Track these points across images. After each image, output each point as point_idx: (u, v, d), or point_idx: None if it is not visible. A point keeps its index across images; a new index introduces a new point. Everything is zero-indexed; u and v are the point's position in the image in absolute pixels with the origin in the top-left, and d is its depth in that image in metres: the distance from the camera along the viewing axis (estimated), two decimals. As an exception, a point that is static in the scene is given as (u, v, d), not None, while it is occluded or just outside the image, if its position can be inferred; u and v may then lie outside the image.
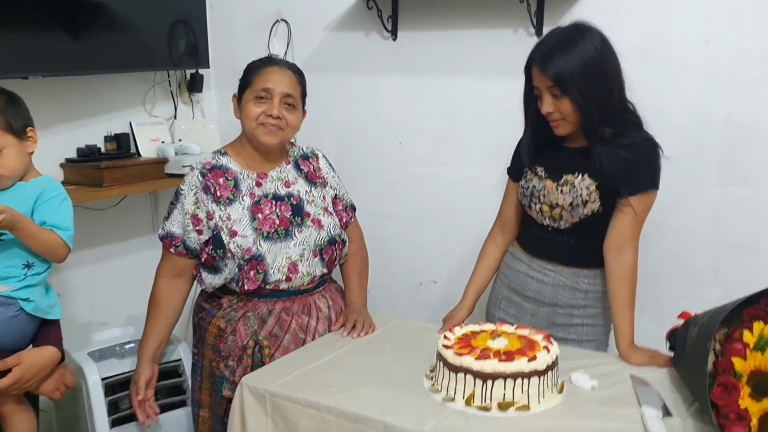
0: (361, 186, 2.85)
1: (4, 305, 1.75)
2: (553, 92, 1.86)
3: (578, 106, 1.84)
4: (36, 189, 1.80)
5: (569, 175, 1.94)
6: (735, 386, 1.43)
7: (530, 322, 2.04)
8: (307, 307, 2.07)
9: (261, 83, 2.01)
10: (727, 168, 2.26)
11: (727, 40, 2.20)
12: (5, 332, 1.74)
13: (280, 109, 2.01)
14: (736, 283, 2.26)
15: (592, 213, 1.92)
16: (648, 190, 1.90)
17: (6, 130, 1.75)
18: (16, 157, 1.77)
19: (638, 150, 1.87)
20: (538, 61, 1.87)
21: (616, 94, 1.87)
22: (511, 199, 2.12)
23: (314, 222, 2.08)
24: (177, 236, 2.03)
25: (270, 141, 2.03)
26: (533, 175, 2.01)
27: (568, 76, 1.81)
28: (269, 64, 2.07)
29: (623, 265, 1.89)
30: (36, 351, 1.78)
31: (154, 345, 2.10)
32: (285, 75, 2.04)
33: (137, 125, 2.88)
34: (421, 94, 2.76)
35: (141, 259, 2.83)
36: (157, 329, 2.09)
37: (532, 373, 1.58)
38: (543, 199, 1.98)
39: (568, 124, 1.89)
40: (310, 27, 2.94)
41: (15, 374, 1.71)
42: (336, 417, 1.62)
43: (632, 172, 1.87)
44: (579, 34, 1.86)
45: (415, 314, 2.78)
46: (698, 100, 2.26)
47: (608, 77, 1.85)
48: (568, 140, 1.98)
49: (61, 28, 2.48)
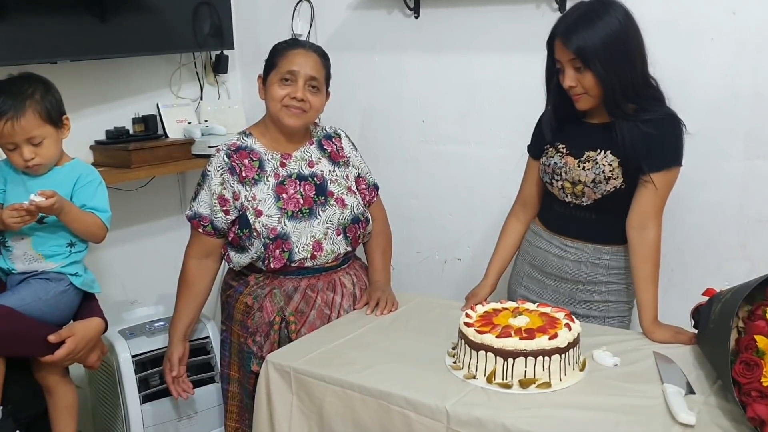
0: (385, 165, 2.86)
1: (55, 281, 1.83)
2: (575, 65, 1.84)
3: (600, 80, 1.82)
4: (73, 174, 1.86)
5: (591, 151, 1.93)
6: (757, 363, 1.42)
7: (552, 298, 2.05)
8: (332, 284, 2.10)
9: (286, 65, 2.03)
10: (755, 142, 2.22)
11: (755, 12, 2.15)
12: (56, 306, 1.83)
13: (304, 92, 2.02)
14: (764, 258, 2.24)
15: (614, 189, 1.91)
16: (671, 167, 1.88)
17: (46, 120, 1.79)
18: (54, 146, 1.82)
19: (661, 125, 1.85)
20: (561, 34, 1.85)
21: (639, 69, 1.85)
22: (532, 177, 2.12)
23: (338, 201, 2.10)
24: (205, 216, 2.06)
25: (294, 123, 2.05)
26: (555, 152, 2.00)
27: (591, 49, 1.80)
28: (295, 46, 2.08)
29: (646, 242, 1.88)
30: (85, 322, 1.86)
31: (185, 323, 2.15)
32: (310, 58, 2.05)
33: (164, 107, 2.91)
34: (444, 71, 2.75)
35: (170, 239, 2.88)
36: (188, 308, 2.14)
37: (553, 351, 1.58)
38: (565, 176, 1.97)
39: (590, 98, 1.88)
40: (333, 6, 2.93)
41: (69, 345, 1.79)
42: (359, 393, 1.65)
43: (654, 148, 1.85)
44: (603, 8, 1.84)
45: (440, 291, 2.79)
46: (725, 74, 2.22)
47: (631, 52, 1.83)
48: (589, 116, 1.97)
49: (88, 12, 2.51)
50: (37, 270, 1.82)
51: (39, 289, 1.80)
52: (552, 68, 1.94)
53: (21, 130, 1.74)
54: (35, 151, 1.78)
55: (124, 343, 2.30)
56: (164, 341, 2.24)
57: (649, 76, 1.89)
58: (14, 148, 1.77)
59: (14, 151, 1.77)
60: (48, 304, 1.80)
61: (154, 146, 2.72)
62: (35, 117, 1.76)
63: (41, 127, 1.78)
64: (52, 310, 1.81)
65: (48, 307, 1.80)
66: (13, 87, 1.77)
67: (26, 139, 1.76)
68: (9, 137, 1.75)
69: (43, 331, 1.78)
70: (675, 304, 2.08)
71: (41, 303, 1.79)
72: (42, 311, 1.79)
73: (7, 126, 1.73)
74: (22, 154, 1.76)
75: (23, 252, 1.81)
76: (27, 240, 1.81)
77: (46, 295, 1.80)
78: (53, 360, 1.79)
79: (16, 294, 1.79)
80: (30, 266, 1.82)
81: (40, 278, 1.82)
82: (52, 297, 1.81)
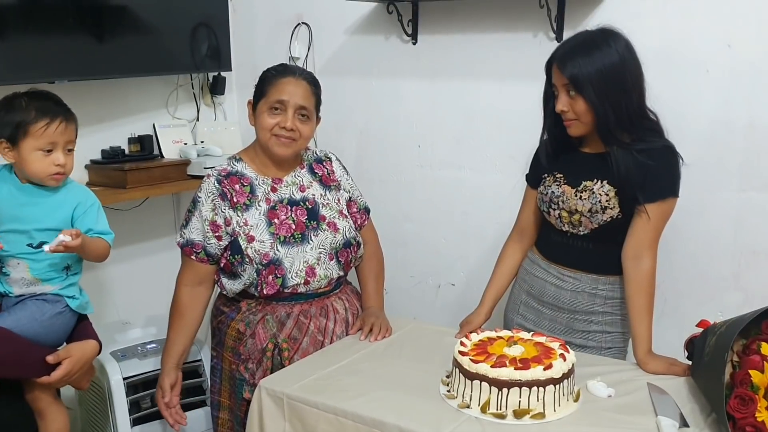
0: (380, 188, 2.87)
1: (52, 302, 1.83)
2: (568, 90, 1.86)
3: (592, 106, 1.84)
4: (72, 197, 1.85)
5: (588, 181, 1.94)
6: (752, 398, 1.42)
7: (549, 327, 2.04)
8: (324, 310, 2.09)
9: (276, 94, 2.02)
10: (749, 173, 2.23)
11: (750, 44, 2.18)
12: (51, 328, 1.82)
13: (294, 121, 2.02)
14: (757, 290, 2.24)
15: (611, 219, 1.92)
16: (666, 198, 1.89)
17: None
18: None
19: (656, 156, 1.86)
20: (558, 59, 1.88)
21: (635, 100, 1.87)
22: (530, 206, 2.12)
23: (330, 225, 2.10)
24: (197, 243, 2.05)
25: (283, 152, 2.05)
26: (552, 181, 2.01)
27: (585, 75, 1.82)
28: (284, 74, 2.07)
29: (641, 273, 1.88)
30: (81, 344, 1.85)
31: (179, 352, 2.12)
32: (300, 86, 2.05)
33: (160, 127, 2.92)
34: (441, 97, 2.76)
35: (163, 260, 2.87)
36: (181, 337, 2.12)
37: (547, 381, 1.58)
38: (562, 205, 1.97)
39: (581, 124, 1.89)
40: (331, 30, 2.95)
41: (66, 366, 1.78)
42: (353, 421, 1.64)
43: (650, 178, 1.86)
44: (604, 38, 1.86)
45: (433, 316, 2.79)
46: (720, 105, 2.24)
47: (627, 82, 1.85)
48: (586, 145, 1.98)
49: (86, 33, 2.52)
50: (35, 292, 1.82)
51: (35, 311, 1.79)
52: (549, 92, 1.96)
53: (68, 132, 1.78)
54: (66, 160, 1.79)
55: (115, 364, 2.28)
56: (156, 363, 2.23)
57: (646, 108, 1.90)
58: (50, 151, 1.76)
59: (48, 154, 1.76)
60: (44, 325, 1.79)
61: (150, 166, 2.72)
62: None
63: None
64: (47, 331, 1.80)
65: (43, 328, 1.79)
66: (51, 96, 1.81)
67: (67, 142, 1.78)
68: (56, 137, 1.75)
69: (40, 352, 1.76)
70: (668, 334, 2.08)
71: (37, 324, 1.78)
72: (37, 333, 1.77)
73: (61, 126, 1.76)
74: (58, 157, 1.76)
75: (21, 276, 1.80)
76: (24, 265, 1.80)
77: (42, 316, 1.79)
78: (50, 381, 1.78)
79: (12, 315, 1.77)
80: (27, 290, 1.82)
81: (36, 299, 1.81)
82: (47, 319, 1.80)
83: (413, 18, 2.72)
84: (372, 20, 2.84)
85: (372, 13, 2.83)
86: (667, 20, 2.28)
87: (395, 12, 2.71)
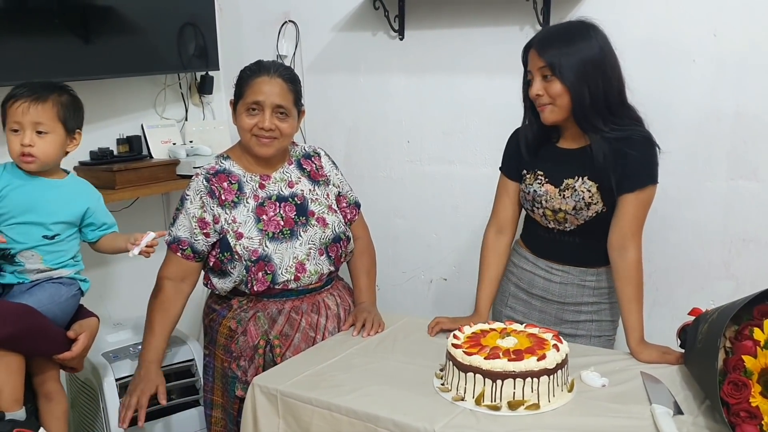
0: (370, 184, 2.86)
1: (67, 285, 1.86)
2: (543, 73, 1.85)
3: (568, 87, 1.82)
4: (83, 193, 1.89)
5: (569, 179, 1.94)
6: (746, 384, 1.42)
7: (539, 318, 2.05)
8: (316, 306, 2.09)
9: (252, 95, 2.00)
10: (737, 161, 2.25)
11: (736, 33, 2.19)
12: (66, 310, 1.85)
13: (272, 121, 2.00)
14: (748, 277, 2.26)
15: (596, 214, 1.92)
16: (645, 186, 1.88)
17: (60, 119, 1.80)
18: (55, 147, 1.81)
19: (635, 145, 1.85)
20: (537, 43, 1.87)
21: (615, 89, 1.85)
22: (508, 197, 2.08)
23: (319, 221, 2.09)
24: (184, 240, 2.04)
25: (265, 152, 2.04)
26: (533, 180, 2.00)
27: (564, 58, 1.81)
28: (259, 73, 2.03)
29: (627, 263, 1.88)
30: (88, 321, 1.91)
31: (163, 348, 2.08)
32: (275, 85, 2.01)
33: (149, 127, 2.90)
34: (429, 92, 2.76)
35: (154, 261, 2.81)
36: (166, 331, 2.07)
37: (541, 372, 1.58)
38: (546, 204, 1.97)
39: (556, 108, 1.87)
40: (318, 28, 2.95)
41: (84, 341, 1.84)
42: (347, 416, 1.63)
43: (629, 167, 1.85)
44: (584, 29, 1.87)
45: (425, 311, 2.78)
46: (707, 94, 2.25)
47: (605, 72, 1.84)
48: (563, 139, 1.97)
49: (73, 33, 2.50)
50: (51, 276, 1.84)
51: (54, 293, 1.82)
52: (528, 82, 1.94)
53: (34, 113, 1.75)
54: (35, 141, 1.76)
55: (108, 366, 2.26)
56: (149, 365, 2.20)
57: (625, 98, 1.89)
58: (17, 131, 1.76)
59: (16, 134, 1.76)
60: (61, 307, 1.83)
61: (139, 167, 2.70)
62: (52, 110, 1.78)
63: (52, 120, 1.78)
64: (63, 313, 1.84)
65: (60, 310, 1.83)
66: (49, 83, 1.83)
67: (33, 123, 1.76)
68: (19, 116, 1.75)
69: (58, 330, 1.81)
70: (660, 323, 2.09)
71: (55, 306, 1.81)
72: (55, 314, 1.81)
73: (23, 106, 1.75)
74: (23, 138, 1.75)
75: (35, 267, 1.82)
76: (37, 257, 1.81)
77: (60, 298, 1.83)
78: (71, 356, 1.82)
79: (33, 296, 1.79)
80: (43, 275, 1.84)
81: (53, 282, 1.84)
82: (64, 300, 1.84)
83: (400, 13, 2.72)
84: (358, 16, 2.84)
85: (358, 10, 2.82)
86: (652, 10, 2.29)
87: (382, 8, 2.71)
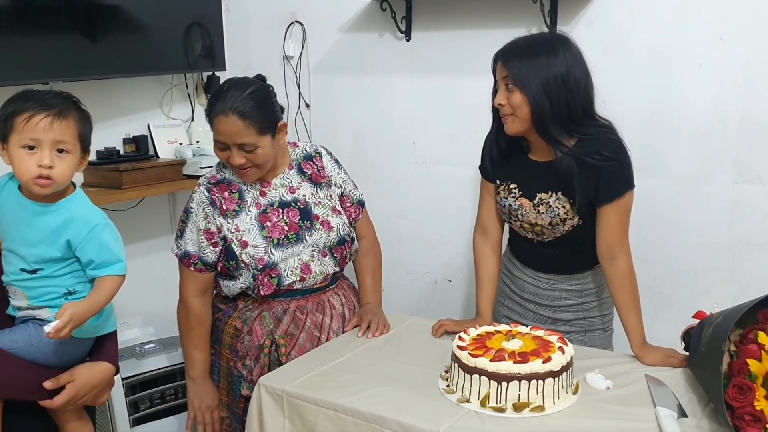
0: (375, 185, 2.87)
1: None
2: (506, 83, 1.85)
3: (529, 99, 1.80)
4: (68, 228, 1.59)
5: (543, 193, 1.94)
6: (750, 387, 1.43)
7: (533, 318, 2.08)
8: (321, 305, 2.09)
9: (215, 133, 1.95)
10: (742, 166, 2.25)
11: (742, 38, 2.19)
12: (52, 353, 1.64)
13: (240, 156, 1.93)
14: (752, 281, 2.26)
15: (573, 227, 1.93)
16: (623, 194, 1.86)
17: (78, 137, 1.57)
18: (73, 169, 1.59)
19: (604, 153, 1.82)
20: (502, 54, 1.87)
21: (578, 104, 1.83)
22: (488, 200, 2.09)
23: (323, 224, 2.09)
24: (193, 254, 2.04)
25: (249, 180, 2.02)
26: (507, 193, 2.00)
27: (525, 70, 1.80)
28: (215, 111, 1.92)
29: (618, 271, 1.89)
30: (90, 367, 1.69)
31: (209, 360, 2.09)
32: (230, 124, 1.90)
33: (155, 127, 2.91)
34: (435, 94, 2.77)
35: (160, 260, 2.86)
36: (208, 343, 2.09)
37: (546, 374, 1.59)
38: (522, 218, 1.98)
39: (517, 119, 1.86)
40: (325, 28, 2.95)
41: (69, 392, 1.63)
42: (352, 417, 1.64)
43: (603, 179, 1.84)
44: (551, 40, 1.87)
45: (431, 313, 2.78)
46: (713, 98, 2.25)
47: (568, 86, 1.81)
48: (533, 152, 1.97)
49: (80, 33, 2.52)
50: (38, 315, 1.64)
51: (33, 334, 1.61)
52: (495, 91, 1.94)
53: (57, 130, 1.52)
54: (56, 162, 1.53)
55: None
56: (155, 363, 2.22)
57: (592, 110, 1.87)
58: (33, 149, 1.52)
59: (32, 153, 1.52)
60: (41, 350, 1.61)
61: (145, 167, 2.72)
62: (75, 127, 1.56)
63: (74, 139, 1.55)
64: (47, 356, 1.62)
65: (42, 354, 1.62)
66: (57, 94, 1.59)
67: (55, 142, 1.52)
68: (39, 133, 1.50)
69: (38, 375, 1.61)
70: (665, 327, 2.09)
71: (34, 349, 1.61)
72: (34, 357, 1.61)
73: (44, 121, 1.50)
74: (42, 158, 1.51)
75: (20, 305, 1.65)
76: (22, 294, 1.63)
77: (39, 341, 1.60)
78: (51, 406, 1.63)
79: (9, 335, 1.62)
80: (31, 313, 1.65)
81: (35, 322, 1.63)
82: (45, 344, 1.60)
83: (407, 14, 2.73)
84: (365, 17, 2.84)
85: (365, 11, 2.83)
86: (659, 14, 2.29)
87: (389, 9, 2.71)
